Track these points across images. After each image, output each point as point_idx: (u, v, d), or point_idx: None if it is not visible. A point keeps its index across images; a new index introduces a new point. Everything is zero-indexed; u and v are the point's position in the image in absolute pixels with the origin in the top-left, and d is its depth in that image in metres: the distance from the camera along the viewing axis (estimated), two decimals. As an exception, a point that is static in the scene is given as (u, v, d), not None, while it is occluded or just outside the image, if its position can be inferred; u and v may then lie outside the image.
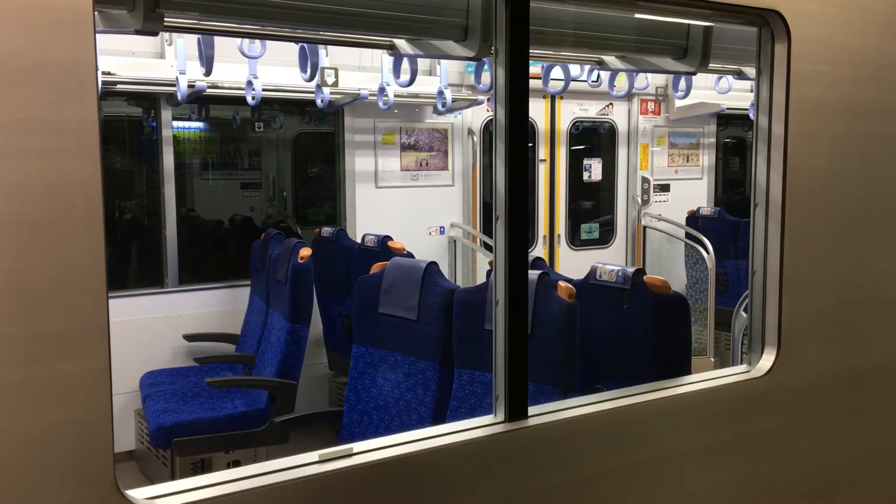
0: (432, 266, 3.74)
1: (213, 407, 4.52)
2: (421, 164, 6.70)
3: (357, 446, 2.04)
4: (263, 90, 5.40)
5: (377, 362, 3.79)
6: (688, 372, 3.11)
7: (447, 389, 3.55)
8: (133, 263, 6.46)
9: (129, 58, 5.36)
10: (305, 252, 4.64)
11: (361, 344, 3.84)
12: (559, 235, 7.58)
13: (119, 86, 5.34)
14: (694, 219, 7.75)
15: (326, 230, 6.02)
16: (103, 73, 5.17)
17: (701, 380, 2.71)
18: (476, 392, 3.46)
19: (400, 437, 2.13)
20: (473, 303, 3.46)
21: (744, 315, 4.12)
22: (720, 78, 6.78)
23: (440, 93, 6.09)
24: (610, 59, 4.62)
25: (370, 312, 3.81)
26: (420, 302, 3.66)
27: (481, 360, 3.42)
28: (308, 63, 4.73)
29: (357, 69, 6.09)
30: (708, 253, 6.75)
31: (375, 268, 3.87)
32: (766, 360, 2.72)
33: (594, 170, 7.79)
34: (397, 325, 3.73)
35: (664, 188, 8.08)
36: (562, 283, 3.23)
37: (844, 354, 2.92)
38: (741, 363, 2.91)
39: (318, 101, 5.76)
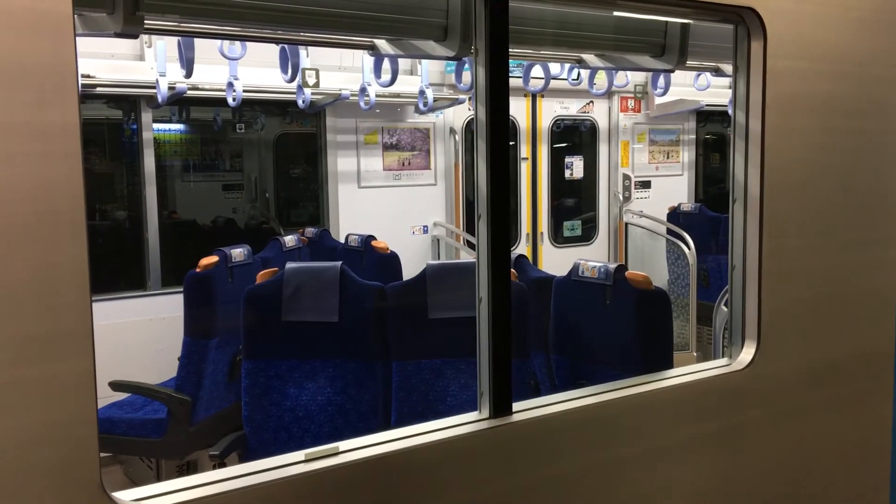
0: (345, 266, 3.64)
1: (141, 409, 4.38)
2: (403, 164, 6.72)
3: (343, 445, 2.05)
4: (244, 91, 5.40)
5: (285, 374, 3.55)
6: (670, 366, 3.14)
7: (387, 384, 3.52)
8: (114, 267, 6.42)
9: (108, 60, 5.34)
10: (205, 261, 4.37)
11: (259, 358, 3.53)
12: (542, 233, 7.61)
13: (99, 88, 5.31)
14: (675, 215, 7.81)
15: (310, 231, 6.02)
16: (83, 75, 5.14)
17: (683, 374, 2.74)
18: (425, 379, 3.48)
19: (385, 435, 2.14)
20: (414, 296, 3.49)
21: (724, 309, 4.17)
22: (699, 75, 6.83)
23: (421, 92, 6.11)
24: (589, 58, 4.64)
25: (269, 323, 3.56)
26: (342, 303, 3.52)
27: (427, 348, 3.46)
28: (289, 64, 4.73)
29: (338, 69, 6.09)
30: (689, 248, 6.80)
31: (263, 276, 3.60)
32: (747, 354, 2.76)
33: (576, 167, 7.84)
34: (312, 331, 3.53)
35: (645, 185, 8.14)
36: None
37: (823, 346, 2.96)
38: (722, 357, 2.94)
39: (300, 102, 5.76)
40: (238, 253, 4.59)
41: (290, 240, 5.54)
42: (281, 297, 3.50)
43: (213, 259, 4.39)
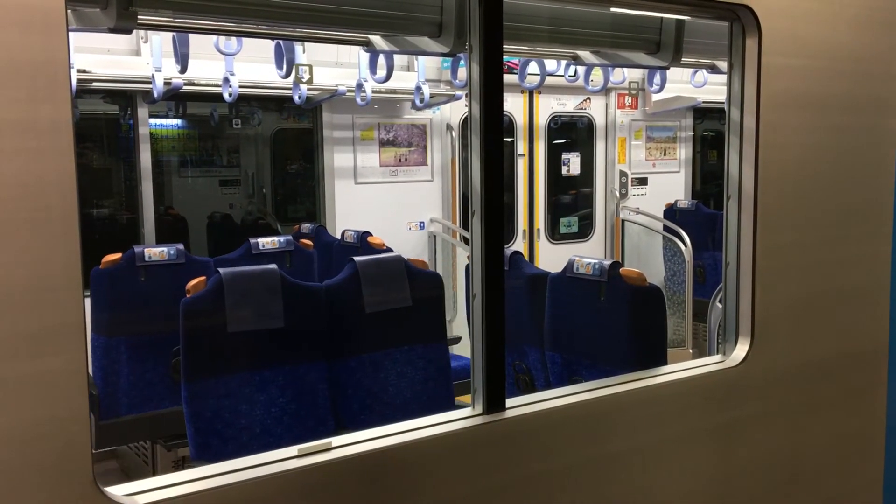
0: (279, 269, 3.50)
1: None
2: (400, 160, 6.71)
3: (336, 440, 2.06)
4: (240, 87, 5.39)
5: (235, 390, 3.26)
6: (664, 362, 3.15)
7: (335, 383, 3.47)
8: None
9: (104, 55, 5.33)
10: (108, 257, 4.19)
11: (205, 377, 3.19)
12: (538, 229, 7.61)
13: (95, 83, 5.31)
14: (671, 212, 7.82)
15: (306, 226, 6.01)
16: (79, 70, 5.14)
17: (677, 370, 2.74)
18: (368, 373, 3.51)
19: (378, 430, 2.14)
20: (348, 293, 3.48)
21: (719, 306, 4.18)
22: (696, 72, 6.84)
23: (418, 88, 6.10)
24: (584, 55, 4.65)
25: (213, 337, 3.24)
26: (285, 307, 3.33)
27: (366, 343, 3.49)
28: (283, 60, 4.72)
29: (334, 65, 6.09)
30: (685, 245, 6.81)
31: (193, 288, 3.24)
32: (741, 350, 2.76)
33: (573, 164, 7.84)
34: (258, 339, 3.32)
35: (642, 181, 8.14)
36: (415, 259, 3.72)
37: (816, 343, 2.97)
38: (717, 353, 2.95)
39: (296, 98, 5.76)
40: (157, 252, 4.32)
41: (267, 241, 5.03)
42: (224, 308, 3.21)
43: (116, 256, 4.22)
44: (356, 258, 3.59)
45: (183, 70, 4.55)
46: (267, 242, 5.01)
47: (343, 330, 3.48)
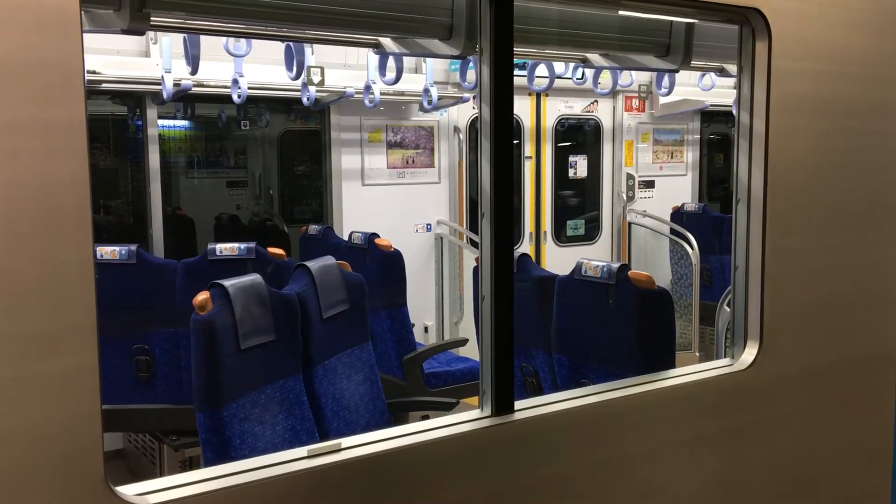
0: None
1: None
2: (407, 162, 6.72)
3: (345, 441, 2.06)
4: (249, 88, 5.40)
5: (249, 412, 3.08)
6: (672, 366, 3.15)
7: (311, 393, 3.42)
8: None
9: (114, 56, 5.35)
10: None
11: (225, 403, 2.98)
12: (545, 232, 7.61)
13: (104, 84, 5.33)
14: (678, 215, 7.81)
15: (313, 228, 6.02)
16: (88, 71, 5.16)
17: (685, 373, 2.74)
18: (330, 379, 3.51)
19: (387, 432, 2.15)
20: (310, 300, 3.45)
21: (727, 310, 4.17)
22: (703, 75, 6.83)
23: (426, 90, 6.11)
24: (594, 57, 4.65)
25: (227, 357, 3.01)
26: (274, 318, 3.21)
27: (325, 349, 3.48)
28: (294, 62, 4.74)
29: (343, 67, 6.10)
30: (692, 248, 6.80)
31: (201, 304, 2.96)
32: (749, 354, 2.76)
33: (580, 167, 7.83)
34: (258, 356, 3.15)
35: (649, 184, 8.13)
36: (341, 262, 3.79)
37: (825, 347, 2.96)
38: (724, 357, 2.95)
39: (304, 100, 5.77)
40: (108, 251, 4.16)
41: (225, 248, 4.57)
42: (235, 324, 3.03)
43: None
44: (307, 263, 3.56)
45: (194, 71, 4.56)
46: (225, 248, 4.58)
47: (309, 338, 3.44)
